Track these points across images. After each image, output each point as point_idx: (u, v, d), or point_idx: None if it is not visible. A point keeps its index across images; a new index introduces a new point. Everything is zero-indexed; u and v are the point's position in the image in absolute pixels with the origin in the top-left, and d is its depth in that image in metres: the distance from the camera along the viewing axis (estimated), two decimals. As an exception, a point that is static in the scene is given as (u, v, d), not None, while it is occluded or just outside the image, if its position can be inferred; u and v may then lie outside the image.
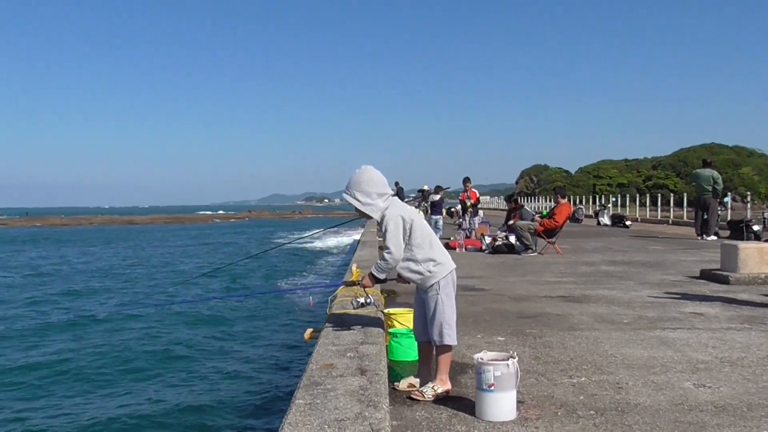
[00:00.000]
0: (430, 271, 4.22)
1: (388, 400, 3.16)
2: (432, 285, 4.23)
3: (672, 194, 38.60)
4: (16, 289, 24.08)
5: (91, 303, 21.27)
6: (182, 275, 27.92)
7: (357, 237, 43.32)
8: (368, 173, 4.29)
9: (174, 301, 20.36)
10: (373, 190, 4.23)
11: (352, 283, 4.98)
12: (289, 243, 34.07)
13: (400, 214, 4.22)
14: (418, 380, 4.36)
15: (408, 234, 4.22)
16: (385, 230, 4.23)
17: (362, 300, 4.63)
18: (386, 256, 4.24)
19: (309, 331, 6.89)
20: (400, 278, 4.43)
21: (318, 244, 44.11)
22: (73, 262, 34.88)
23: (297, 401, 3.06)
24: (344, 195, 4.33)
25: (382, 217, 4.24)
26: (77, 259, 36.82)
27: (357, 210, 4.32)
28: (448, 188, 20.26)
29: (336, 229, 47.65)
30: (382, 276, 4.41)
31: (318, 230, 34.47)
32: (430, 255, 4.22)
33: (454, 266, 4.33)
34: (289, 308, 20.11)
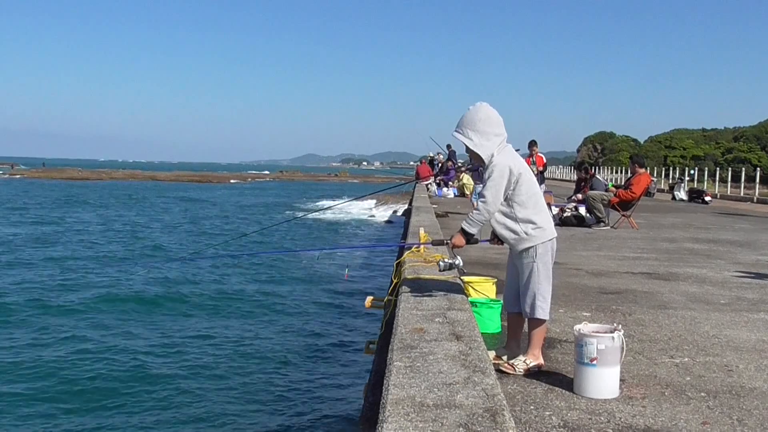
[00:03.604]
0: (527, 233, 4.19)
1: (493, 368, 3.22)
2: (527, 249, 4.21)
3: (756, 169, 37.71)
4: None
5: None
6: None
7: (393, 208, 43.26)
8: (485, 110, 4.25)
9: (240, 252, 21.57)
10: (490, 130, 4.20)
11: (441, 242, 4.96)
12: (323, 210, 34.36)
13: (509, 165, 4.18)
14: (503, 353, 4.39)
15: (513, 188, 4.19)
16: (488, 177, 4.18)
17: (450, 261, 4.63)
18: (480, 205, 4.21)
19: (369, 299, 7.03)
20: (495, 238, 4.41)
21: (348, 216, 44.31)
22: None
23: (395, 363, 3.14)
24: (455, 134, 4.31)
25: (489, 162, 4.20)
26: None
27: (468, 151, 4.31)
28: (518, 150, 20.07)
29: (373, 197, 47.51)
30: (473, 230, 4.35)
31: (346, 200, 34.14)
32: (531, 216, 4.20)
33: (556, 235, 4.31)
34: (327, 280, 20.55)
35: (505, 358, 4.31)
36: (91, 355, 11.88)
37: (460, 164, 28.45)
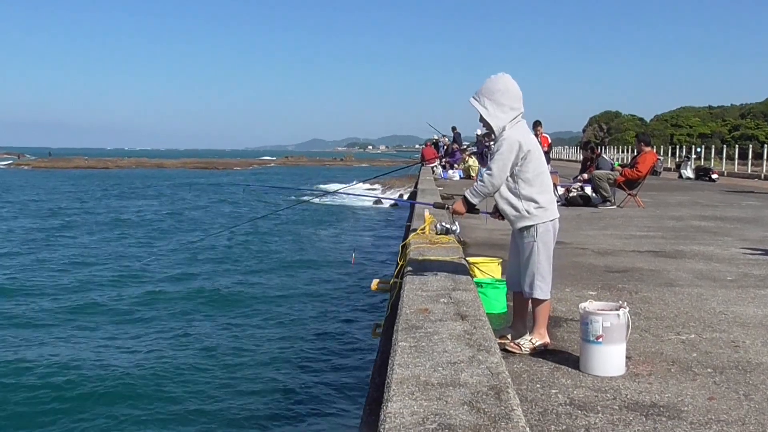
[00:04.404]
0: (528, 212, 4.18)
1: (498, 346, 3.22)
2: (528, 228, 4.20)
3: (763, 146, 37.39)
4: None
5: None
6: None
7: (399, 192, 43.08)
8: (505, 82, 4.22)
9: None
10: (507, 102, 4.17)
11: (442, 206, 4.92)
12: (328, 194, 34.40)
13: (519, 140, 4.16)
14: (508, 332, 4.39)
15: (520, 164, 4.17)
16: (497, 150, 4.18)
17: (448, 225, 4.64)
18: (485, 176, 4.21)
19: (375, 281, 7.02)
20: (496, 212, 4.41)
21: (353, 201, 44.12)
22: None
23: (400, 343, 3.15)
24: (471, 100, 4.27)
25: (500, 135, 4.19)
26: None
27: (481, 119, 4.28)
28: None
29: (378, 182, 47.25)
30: (476, 200, 4.37)
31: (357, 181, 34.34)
32: (534, 195, 4.18)
33: (558, 216, 4.30)
34: (333, 264, 20.61)
35: (510, 337, 4.32)
36: (90, 354, 11.77)
37: (465, 147, 28.37)
